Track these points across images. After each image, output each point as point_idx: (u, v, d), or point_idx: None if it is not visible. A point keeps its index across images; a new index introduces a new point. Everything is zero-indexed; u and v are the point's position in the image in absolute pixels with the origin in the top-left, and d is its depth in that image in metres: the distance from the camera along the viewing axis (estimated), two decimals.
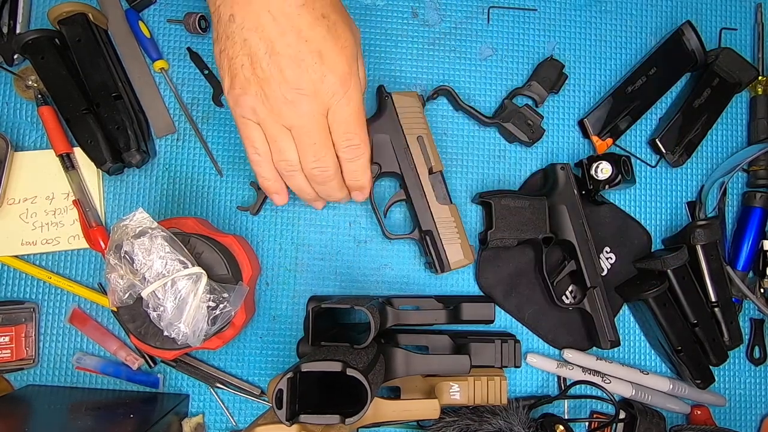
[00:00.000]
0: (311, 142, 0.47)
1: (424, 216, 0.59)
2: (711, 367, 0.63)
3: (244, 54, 0.44)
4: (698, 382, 0.62)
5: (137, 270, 0.48)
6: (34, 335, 0.60)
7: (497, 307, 0.63)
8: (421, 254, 0.63)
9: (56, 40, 0.59)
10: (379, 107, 0.60)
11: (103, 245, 0.59)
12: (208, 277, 0.50)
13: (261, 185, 0.52)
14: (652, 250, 0.66)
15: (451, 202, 0.59)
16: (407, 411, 0.55)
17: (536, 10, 0.68)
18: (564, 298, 0.64)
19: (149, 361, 0.60)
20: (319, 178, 0.50)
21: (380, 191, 0.64)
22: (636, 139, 0.68)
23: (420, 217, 0.59)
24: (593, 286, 0.61)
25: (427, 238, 0.59)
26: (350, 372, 0.43)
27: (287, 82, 0.44)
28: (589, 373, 0.62)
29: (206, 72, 0.64)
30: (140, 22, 0.62)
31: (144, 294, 0.48)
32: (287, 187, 0.53)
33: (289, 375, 0.43)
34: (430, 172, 0.59)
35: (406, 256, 0.64)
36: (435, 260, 0.60)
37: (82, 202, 0.60)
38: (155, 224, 0.50)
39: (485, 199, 0.61)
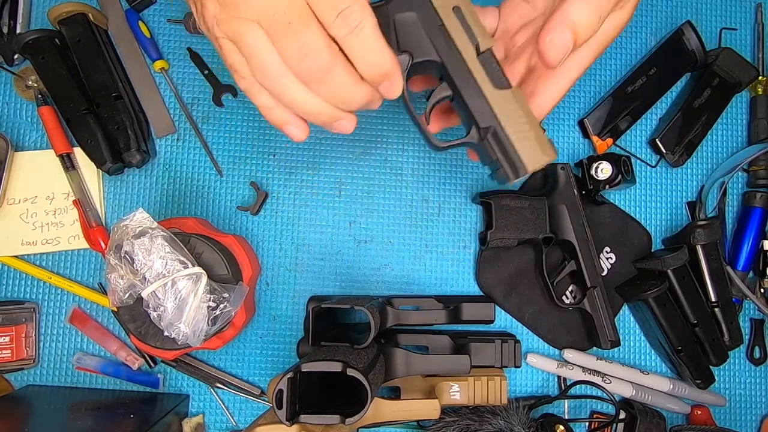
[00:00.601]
0: (284, 22, 0.34)
1: (481, 109, 0.44)
2: (711, 367, 0.63)
3: None
4: (698, 382, 0.62)
5: (137, 270, 0.48)
6: (35, 335, 0.60)
7: (497, 307, 0.63)
8: (483, 164, 0.49)
9: (56, 40, 0.59)
10: None
11: (103, 245, 0.59)
12: (208, 277, 0.50)
13: (267, 119, 0.41)
14: (652, 250, 0.66)
15: (510, 85, 0.44)
16: (407, 411, 0.55)
17: None
18: (564, 298, 0.64)
19: (149, 361, 0.60)
20: (315, 72, 0.36)
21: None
22: (636, 139, 0.68)
23: (475, 113, 0.44)
24: (593, 286, 0.61)
25: (489, 137, 0.45)
26: (350, 372, 0.43)
27: None
28: (589, 373, 0.62)
29: (206, 72, 0.64)
30: (140, 22, 0.62)
31: (144, 294, 0.48)
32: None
33: (289, 375, 0.43)
34: (478, 52, 0.44)
35: (406, 256, 0.64)
36: (504, 163, 0.45)
37: (82, 202, 0.60)
38: (155, 224, 0.50)
39: (485, 199, 0.61)
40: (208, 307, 0.49)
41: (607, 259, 0.65)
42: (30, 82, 0.60)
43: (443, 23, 0.43)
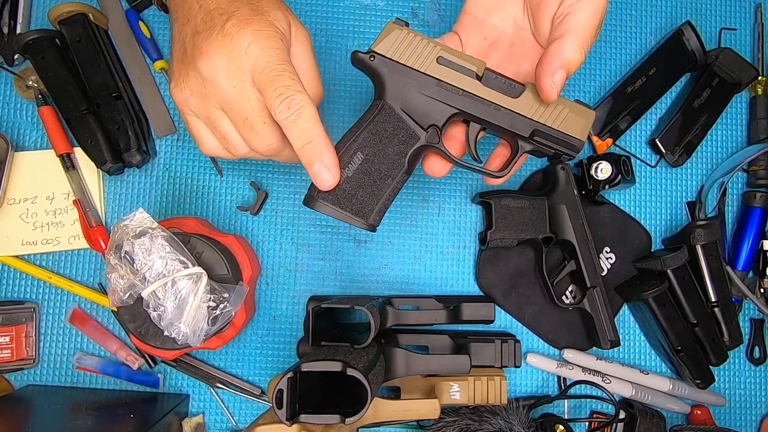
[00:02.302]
0: (242, 117, 0.42)
1: (515, 123, 0.47)
2: (711, 367, 0.63)
3: (178, 46, 0.44)
4: (698, 382, 0.62)
5: (137, 270, 0.48)
6: (35, 335, 0.60)
7: (497, 307, 0.63)
8: (539, 157, 0.52)
9: (56, 40, 0.59)
10: (373, 78, 0.47)
11: (103, 245, 0.59)
12: (209, 277, 0.50)
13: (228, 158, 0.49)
14: (652, 250, 0.66)
15: (523, 84, 0.47)
16: (407, 411, 0.55)
17: None
18: (564, 298, 0.64)
19: (149, 361, 0.60)
20: (269, 152, 0.45)
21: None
22: (636, 139, 0.68)
23: (512, 128, 0.47)
24: (593, 286, 0.61)
25: (536, 139, 0.48)
26: (350, 372, 0.43)
27: (202, 54, 0.42)
28: (589, 373, 0.62)
29: None
30: (140, 22, 0.62)
31: (144, 294, 0.48)
32: None
33: (290, 375, 0.43)
34: (480, 77, 0.47)
35: (406, 256, 0.64)
36: (562, 148, 0.49)
37: (82, 202, 0.60)
38: (155, 224, 0.50)
39: (485, 199, 0.61)
40: (208, 307, 0.49)
41: (607, 259, 0.65)
42: (30, 82, 0.60)
43: (439, 80, 0.46)
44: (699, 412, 0.64)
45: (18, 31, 0.61)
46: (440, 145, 0.47)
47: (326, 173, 0.43)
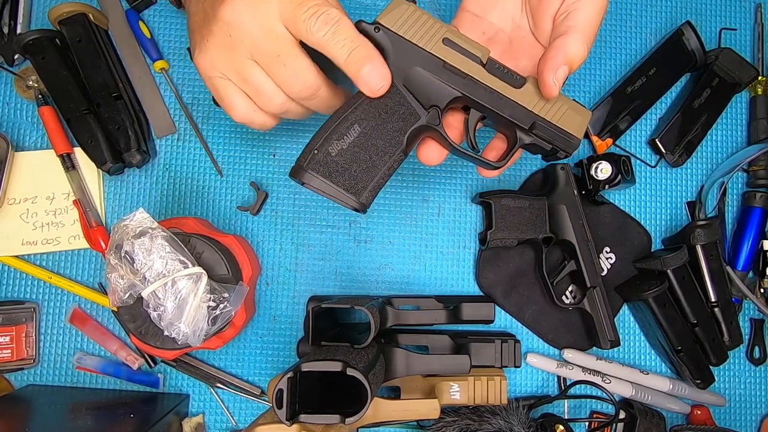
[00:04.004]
0: (275, 55, 0.40)
1: (516, 113, 0.47)
2: (711, 367, 0.63)
3: (197, 16, 0.43)
4: (698, 382, 0.62)
5: (137, 270, 0.48)
6: (35, 335, 0.60)
7: (497, 307, 0.63)
8: (534, 154, 0.51)
9: (57, 40, 0.59)
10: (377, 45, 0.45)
11: (103, 245, 0.59)
12: (209, 277, 0.50)
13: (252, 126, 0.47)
14: (652, 250, 0.66)
15: (525, 77, 0.47)
16: (407, 411, 0.55)
17: None
18: (564, 298, 0.64)
19: (149, 361, 0.60)
20: (305, 93, 0.43)
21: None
22: (636, 139, 0.68)
23: (513, 118, 0.47)
24: (593, 286, 0.61)
25: (535, 132, 0.47)
26: (350, 372, 0.43)
27: (223, 3, 0.40)
28: (589, 373, 0.62)
29: None
30: (141, 23, 0.62)
31: (144, 294, 0.48)
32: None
33: (289, 375, 0.43)
34: (483, 65, 0.46)
35: (406, 256, 0.64)
36: (559, 144, 0.48)
37: (82, 202, 0.60)
38: (155, 224, 0.50)
39: (485, 199, 0.61)
40: (208, 306, 0.49)
41: (607, 259, 0.65)
42: (30, 82, 0.60)
43: (444, 61, 0.45)
44: (699, 412, 0.64)
45: (18, 31, 0.61)
46: (440, 128, 0.46)
47: (378, 76, 0.41)
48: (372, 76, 0.41)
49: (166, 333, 0.49)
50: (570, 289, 0.64)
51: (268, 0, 0.40)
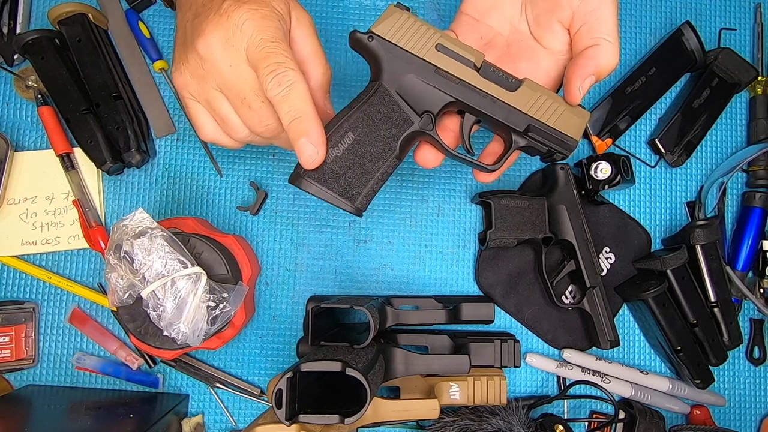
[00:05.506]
0: (240, 97, 0.43)
1: (510, 117, 0.47)
2: (710, 367, 0.63)
3: (180, 33, 0.45)
4: (698, 382, 0.62)
5: (137, 270, 0.48)
6: (34, 335, 0.60)
7: (497, 307, 0.63)
8: (532, 155, 0.51)
9: (56, 40, 0.59)
10: (370, 59, 0.47)
11: (103, 245, 0.59)
12: (208, 277, 0.50)
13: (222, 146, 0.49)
14: (652, 250, 0.66)
15: (520, 80, 0.47)
16: (407, 411, 0.55)
17: None
18: (563, 298, 0.64)
19: (149, 361, 0.60)
20: (267, 134, 0.45)
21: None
22: (635, 139, 0.68)
23: (507, 122, 0.47)
24: (593, 286, 0.61)
25: (530, 135, 0.47)
26: (350, 372, 0.43)
27: (200, 35, 0.42)
28: (589, 373, 0.62)
29: None
30: (140, 23, 0.62)
31: (144, 294, 0.48)
32: None
33: (289, 375, 0.43)
34: (477, 69, 0.46)
35: (406, 256, 0.64)
36: (556, 146, 0.48)
37: (82, 202, 0.60)
38: (155, 224, 0.50)
39: (485, 199, 0.61)
40: (208, 306, 0.49)
41: (607, 259, 0.65)
42: (30, 82, 0.60)
43: (437, 67, 0.46)
44: (698, 412, 0.64)
45: (18, 31, 0.61)
46: (434, 133, 0.47)
47: (311, 149, 0.42)
48: (305, 148, 0.42)
49: (165, 333, 0.49)
50: (569, 289, 0.64)
51: (239, 42, 0.41)
